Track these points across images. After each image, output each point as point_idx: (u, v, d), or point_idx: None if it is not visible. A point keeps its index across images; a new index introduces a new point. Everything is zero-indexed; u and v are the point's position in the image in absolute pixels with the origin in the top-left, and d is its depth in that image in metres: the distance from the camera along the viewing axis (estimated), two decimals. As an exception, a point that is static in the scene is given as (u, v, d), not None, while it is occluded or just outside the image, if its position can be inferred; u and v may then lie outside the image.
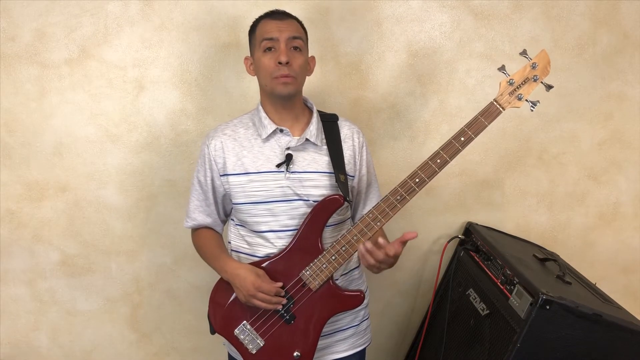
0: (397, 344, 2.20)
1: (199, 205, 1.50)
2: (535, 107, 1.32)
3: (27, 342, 2.04)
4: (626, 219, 2.09)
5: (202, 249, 1.52)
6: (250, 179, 1.40)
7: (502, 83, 1.32)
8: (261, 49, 1.37)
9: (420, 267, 2.11)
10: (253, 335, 1.42)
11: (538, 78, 1.31)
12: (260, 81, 1.41)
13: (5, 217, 1.92)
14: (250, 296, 1.35)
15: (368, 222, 1.34)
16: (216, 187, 1.47)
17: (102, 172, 1.91)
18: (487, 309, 1.64)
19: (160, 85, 1.87)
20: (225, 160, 1.42)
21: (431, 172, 1.32)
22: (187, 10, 1.82)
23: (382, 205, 1.33)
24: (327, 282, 1.39)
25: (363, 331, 1.58)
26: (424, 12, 1.88)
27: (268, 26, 1.38)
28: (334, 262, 1.36)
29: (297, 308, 1.40)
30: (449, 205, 2.04)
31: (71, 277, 1.99)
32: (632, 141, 2.02)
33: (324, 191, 1.41)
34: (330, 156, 1.43)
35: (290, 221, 1.41)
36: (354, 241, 1.35)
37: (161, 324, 2.08)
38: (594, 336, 1.41)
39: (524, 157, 2.01)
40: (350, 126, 1.51)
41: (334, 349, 1.52)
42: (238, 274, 1.37)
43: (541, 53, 1.31)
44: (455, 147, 1.31)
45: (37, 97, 1.84)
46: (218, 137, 1.44)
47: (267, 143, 1.42)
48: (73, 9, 1.79)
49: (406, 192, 1.32)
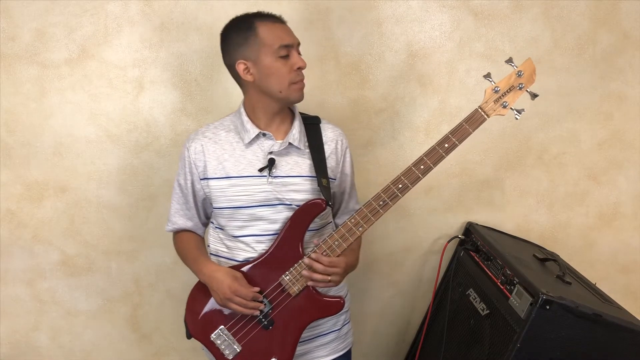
0: (397, 344, 2.20)
1: (179, 209, 1.48)
2: (520, 116, 1.32)
3: (27, 342, 2.04)
4: (626, 219, 2.08)
5: (181, 251, 1.50)
6: (232, 183, 1.38)
7: (487, 90, 1.32)
8: (275, 55, 1.32)
9: (420, 267, 2.11)
10: (230, 340, 1.39)
11: (523, 86, 1.31)
12: (271, 87, 1.34)
13: (5, 217, 1.92)
14: (227, 299, 1.33)
15: (350, 227, 1.34)
16: (196, 191, 1.44)
17: (102, 172, 1.91)
18: (487, 309, 1.64)
19: (160, 85, 1.87)
20: (206, 164, 1.40)
21: (414, 178, 1.31)
22: (187, 10, 1.82)
23: (365, 210, 1.33)
24: (307, 288, 1.36)
25: (344, 335, 1.55)
26: (424, 12, 1.88)
27: (279, 31, 1.34)
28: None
29: (276, 313, 1.37)
30: (449, 205, 2.04)
31: (71, 277, 1.99)
32: (632, 141, 2.02)
33: (306, 195, 1.39)
34: (312, 160, 1.41)
35: (272, 225, 1.39)
36: (336, 246, 1.34)
37: (161, 324, 2.08)
38: (594, 336, 1.41)
39: (524, 157, 2.01)
40: (333, 129, 1.49)
41: (315, 354, 1.49)
42: (215, 277, 1.35)
43: (527, 61, 1.31)
44: (439, 153, 1.31)
45: (37, 97, 1.84)
46: (198, 140, 1.41)
47: (250, 147, 1.39)
48: (73, 9, 1.79)
49: (389, 198, 1.32)
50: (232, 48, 1.36)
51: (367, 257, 2.07)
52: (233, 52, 1.36)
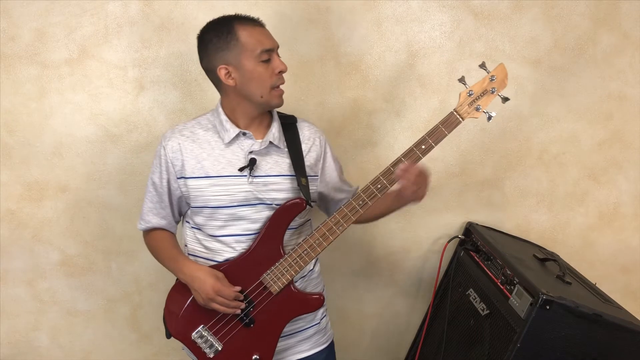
0: (397, 344, 2.20)
1: (152, 208, 1.47)
2: (491, 120, 1.34)
3: (27, 342, 2.04)
4: (626, 219, 2.09)
5: (157, 250, 1.49)
6: (212, 183, 1.37)
7: (462, 94, 1.35)
8: (258, 59, 1.31)
9: (420, 267, 2.11)
10: (211, 339, 1.39)
11: (496, 90, 1.34)
12: (253, 92, 1.34)
13: (5, 217, 1.92)
14: (210, 300, 1.33)
15: (330, 226, 1.35)
16: (172, 190, 1.43)
17: (102, 172, 1.91)
18: (487, 309, 1.64)
19: (160, 85, 1.87)
20: (184, 163, 1.38)
21: (392, 178, 1.33)
22: (187, 10, 1.82)
23: (345, 209, 1.35)
24: (288, 286, 1.38)
25: (324, 329, 1.56)
26: (424, 12, 1.88)
27: (260, 35, 1.33)
28: (295, 266, 1.36)
29: (257, 312, 1.38)
30: (449, 205, 2.04)
31: (71, 277, 1.99)
32: (632, 141, 2.02)
33: (287, 195, 1.39)
34: (291, 159, 1.41)
35: (252, 225, 1.39)
36: (316, 245, 1.35)
37: (161, 324, 2.07)
38: (594, 336, 1.41)
39: (524, 157, 2.01)
40: (309, 127, 1.49)
41: (297, 349, 1.50)
42: (197, 276, 1.35)
43: (499, 66, 1.34)
44: (416, 155, 1.33)
45: (37, 97, 1.84)
46: (175, 138, 1.39)
47: (230, 147, 1.38)
48: (73, 9, 1.79)
49: (368, 197, 1.34)
50: (212, 52, 1.34)
51: (367, 257, 2.07)
52: (213, 56, 1.34)
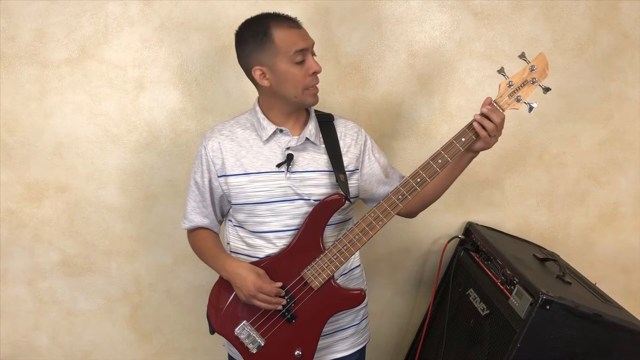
0: (397, 344, 2.20)
1: (195, 207, 1.50)
2: (533, 110, 1.32)
3: (27, 342, 2.04)
4: (626, 219, 2.08)
5: (200, 249, 1.52)
6: (251, 179, 1.40)
7: (501, 85, 1.33)
8: (292, 61, 1.33)
9: (420, 267, 2.11)
10: (254, 334, 1.42)
11: (537, 80, 1.32)
12: (287, 92, 1.36)
13: (5, 217, 1.92)
14: (251, 296, 1.35)
15: (370, 221, 1.36)
16: (214, 189, 1.46)
17: (102, 172, 1.91)
18: (487, 309, 1.64)
19: (160, 85, 1.86)
20: (224, 161, 1.41)
21: (432, 171, 1.34)
22: (187, 10, 1.82)
23: (384, 204, 1.36)
24: (329, 281, 1.39)
25: (363, 329, 1.58)
26: (424, 12, 1.88)
27: (294, 36, 1.34)
28: (335, 261, 1.37)
29: (299, 307, 1.40)
30: (449, 205, 2.04)
31: (71, 277, 1.99)
32: (632, 141, 2.02)
33: (325, 190, 1.41)
34: (328, 155, 1.43)
35: (292, 221, 1.41)
36: (356, 240, 1.36)
37: (161, 324, 2.08)
38: (594, 336, 1.41)
39: (524, 157, 2.01)
40: (346, 122, 1.51)
41: (334, 348, 1.52)
42: (238, 273, 1.37)
43: (539, 56, 1.32)
44: (456, 147, 1.33)
45: (37, 97, 1.84)
46: (215, 138, 1.43)
47: (267, 144, 1.41)
48: (73, 9, 1.79)
49: (407, 192, 1.35)
50: (248, 52, 1.36)
51: (367, 257, 2.07)
52: (249, 56, 1.36)
